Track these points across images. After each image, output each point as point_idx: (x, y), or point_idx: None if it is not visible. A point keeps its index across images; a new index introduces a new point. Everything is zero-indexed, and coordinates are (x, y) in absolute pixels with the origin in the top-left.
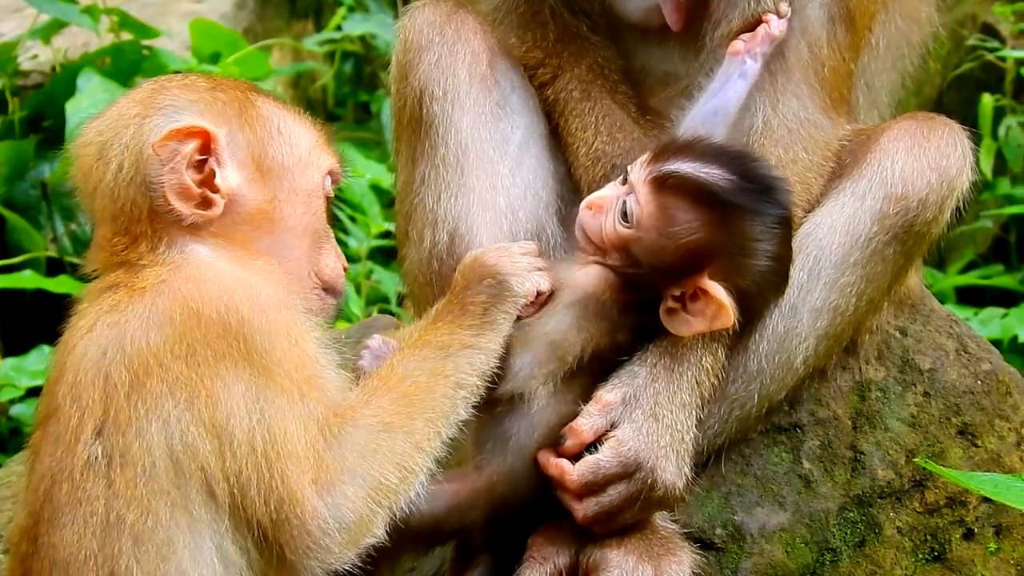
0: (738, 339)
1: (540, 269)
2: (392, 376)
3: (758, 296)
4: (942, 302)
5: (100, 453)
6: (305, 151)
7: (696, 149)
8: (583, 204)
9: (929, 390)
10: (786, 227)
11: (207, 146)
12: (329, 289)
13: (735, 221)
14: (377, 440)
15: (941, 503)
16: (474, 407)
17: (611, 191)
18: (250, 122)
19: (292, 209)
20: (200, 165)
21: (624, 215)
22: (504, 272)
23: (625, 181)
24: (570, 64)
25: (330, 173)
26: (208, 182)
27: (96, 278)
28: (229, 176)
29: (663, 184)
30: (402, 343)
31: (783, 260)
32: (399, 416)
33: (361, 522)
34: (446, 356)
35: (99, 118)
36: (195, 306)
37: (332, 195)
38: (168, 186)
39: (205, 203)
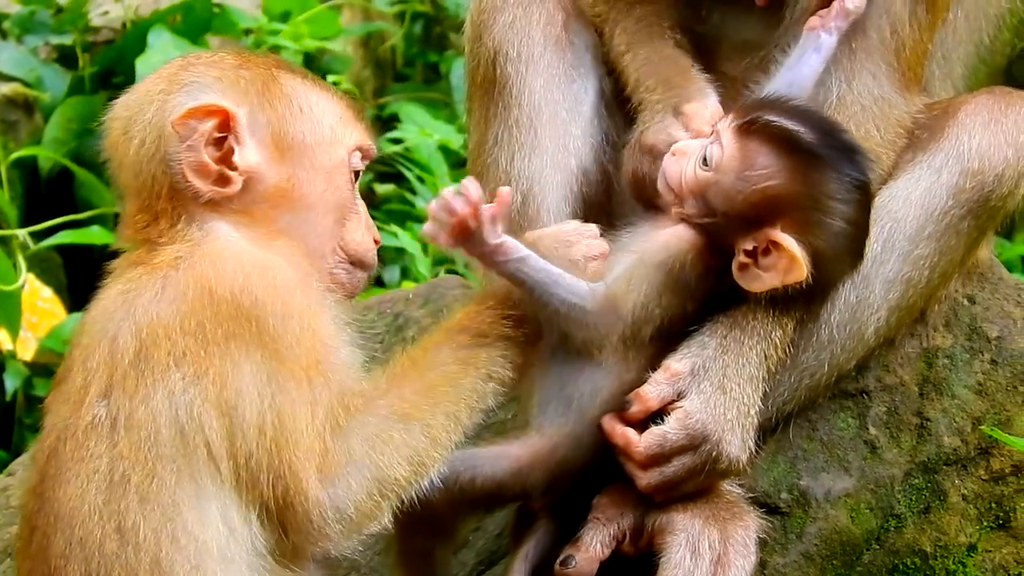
0: (808, 311)
1: (596, 258)
2: (422, 362)
3: (832, 260)
4: (1010, 271)
5: (104, 415)
6: (328, 128)
7: (784, 105)
8: (669, 151)
9: (996, 358)
10: (864, 195)
11: (226, 124)
12: (357, 263)
13: (813, 172)
14: (390, 431)
15: (1007, 471)
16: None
17: (697, 141)
18: (272, 100)
19: (312, 186)
20: (220, 143)
21: (705, 160)
22: (561, 264)
23: (711, 133)
24: (622, 15)
25: (359, 149)
26: (226, 160)
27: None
28: (248, 154)
29: (747, 128)
30: (443, 325)
31: (859, 227)
32: (419, 407)
33: (362, 513)
34: (481, 345)
35: (129, 93)
36: (209, 284)
37: (361, 170)
38: (186, 163)
39: (223, 180)
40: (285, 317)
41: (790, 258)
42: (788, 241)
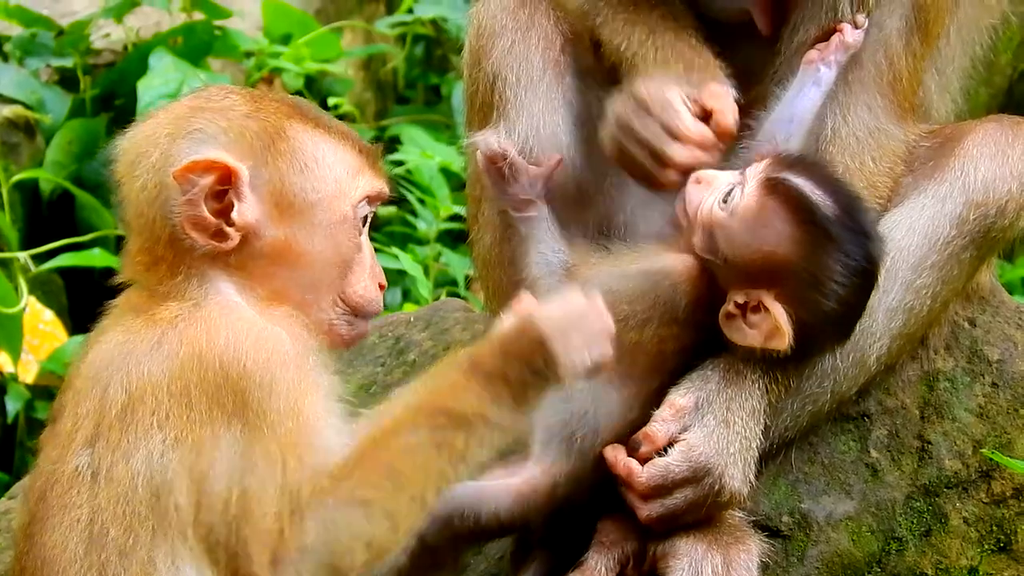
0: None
1: (597, 342)
2: (393, 444)
3: (817, 336)
4: (1010, 293)
5: (87, 464)
6: (333, 183)
7: (818, 171)
8: (693, 176)
9: (997, 381)
10: (866, 280)
11: (227, 178)
12: (360, 313)
13: (820, 252)
14: (349, 516)
15: (1008, 494)
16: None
17: (726, 176)
18: (276, 156)
19: (311, 244)
20: (221, 195)
21: (725, 199)
22: (558, 356)
23: (743, 172)
24: (643, 15)
25: (368, 197)
26: (226, 214)
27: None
28: (247, 210)
29: (773, 186)
30: (422, 403)
31: (852, 310)
32: (382, 491)
33: None
34: (459, 427)
35: (140, 125)
36: (200, 349)
37: (370, 216)
38: (185, 216)
39: (220, 235)
40: (272, 393)
41: (775, 327)
42: (777, 310)
